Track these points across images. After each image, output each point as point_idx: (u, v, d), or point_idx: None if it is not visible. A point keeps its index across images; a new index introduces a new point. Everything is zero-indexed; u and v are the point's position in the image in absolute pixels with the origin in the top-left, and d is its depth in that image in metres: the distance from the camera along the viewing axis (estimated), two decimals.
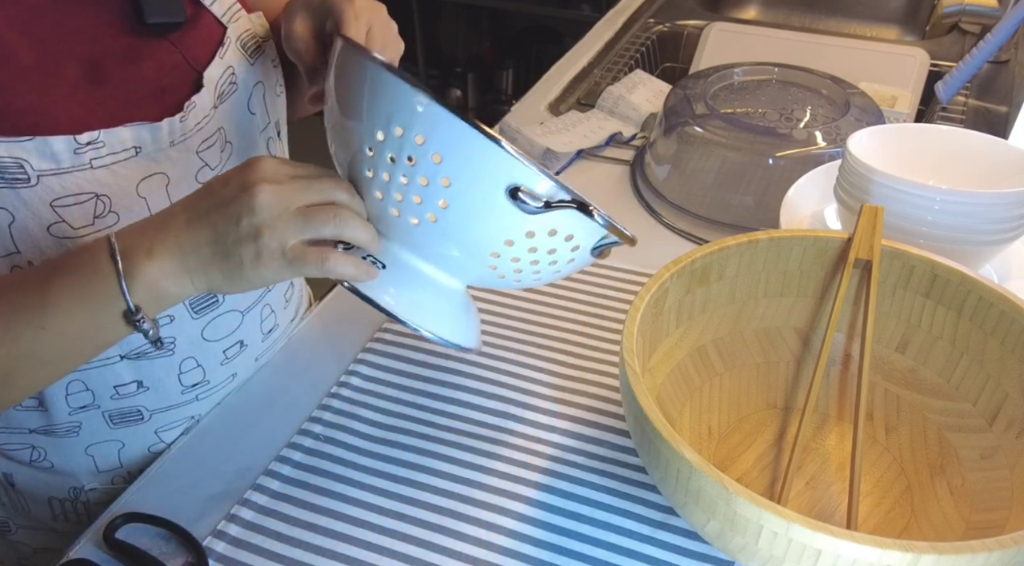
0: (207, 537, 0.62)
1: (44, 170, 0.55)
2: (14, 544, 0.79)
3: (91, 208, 0.58)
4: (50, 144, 0.54)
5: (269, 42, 0.69)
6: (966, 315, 0.64)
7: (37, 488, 0.73)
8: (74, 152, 0.56)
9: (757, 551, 0.49)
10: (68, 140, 0.55)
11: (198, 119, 0.62)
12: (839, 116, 0.96)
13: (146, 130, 0.59)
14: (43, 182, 0.55)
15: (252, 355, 0.76)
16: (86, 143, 0.56)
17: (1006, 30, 1.04)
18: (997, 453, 0.61)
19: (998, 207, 0.70)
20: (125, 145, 0.58)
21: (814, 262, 0.68)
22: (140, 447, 0.72)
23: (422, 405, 0.73)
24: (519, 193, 0.52)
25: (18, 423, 0.68)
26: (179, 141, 0.61)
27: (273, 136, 0.72)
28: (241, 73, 0.66)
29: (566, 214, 0.53)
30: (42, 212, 0.56)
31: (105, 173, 0.57)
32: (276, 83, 0.71)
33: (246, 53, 0.66)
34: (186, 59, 0.62)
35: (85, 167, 0.56)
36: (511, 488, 0.65)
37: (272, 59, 0.70)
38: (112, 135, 0.57)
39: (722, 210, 0.95)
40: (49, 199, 0.56)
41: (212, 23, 0.65)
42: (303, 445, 0.69)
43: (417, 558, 0.60)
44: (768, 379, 0.71)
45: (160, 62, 0.61)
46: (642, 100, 1.17)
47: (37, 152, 0.54)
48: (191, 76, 0.62)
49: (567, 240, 0.56)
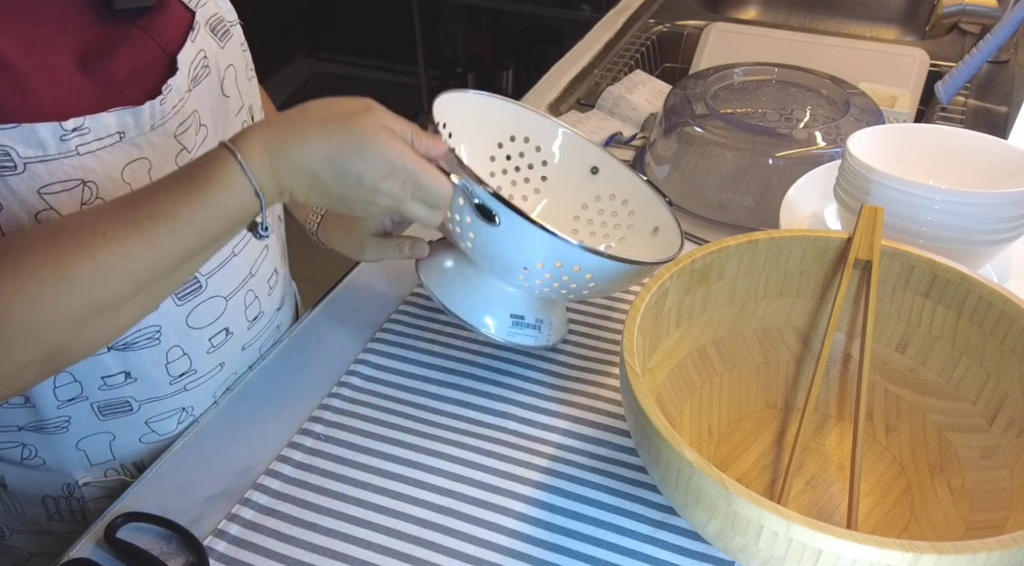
0: (208, 536, 0.62)
1: (30, 157, 0.55)
2: (9, 549, 0.79)
3: (78, 195, 0.58)
4: (36, 131, 0.54)
5: (236, 26, 0.70)
6: (966, 315, 0.64)
7: (30, 487, 0.73)
8: (60, 138, 0.56)
9: (757, 551, 0.49)
10: (54, 126, 0.55)
11: (174, 102, 0.62)
12: (839, 116, 0.96)
13: (129, 115, 0.59)
14: (30, 169, 0.55)
15: (239, 344, 0.75)
16: (72, 129, 0.56)
17: (1006, 30, 1.04)
18: (997, 453, 0.61)
19: (998, 207, 0.70)
20: (109, 130, 0.58)
21: (814, 262, 0.68)
22: (131, 439, 0.72)
23: (423, 405, 0.73)
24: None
25: (7, 421, 0.68)
26: (159, 125, 0.61)
27: (247, 119, 0.73)
28: (213, 56, 0.66)
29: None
30: (30, 200, 0.56)
31: (91, 159, 0.58)
32: (246, 67, 0.72)
33: (216, 36, 0.67)
34: (158, 43, 0.63)
35: (71, 153, 0.57)
36: (512, 487, 0.65)
37: (241, 43, 0.71)
38: (97, 121, 0.57)
39: (722, 210, 0.95)
40: (36, 186, 0.56)
41: (179, 8, 0.65)
42: (304, 444, 0.69)
43: (418, 558, 0.60)
44: (768, 379, 0.71)
45: (133, 47, 0.61)
46: (642, 100, 1.17)
47: (23, 139, 0.54)
48: (164, 60, 0.63)
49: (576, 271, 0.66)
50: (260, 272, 0.76)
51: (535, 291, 0.69)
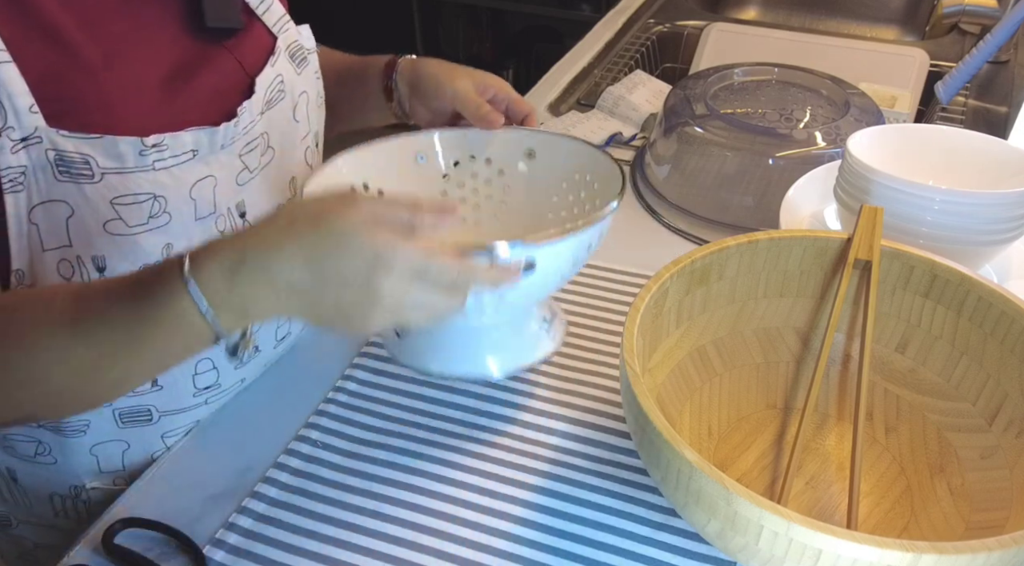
0: (206, 546, 0.61)
1: (108, 168, 0.56)
2: (15, 538, 0.79)
3: (148, 208, 0.59)
4: (117, 144, 0.56)
5: (313, 54, 0.73)
6: (966, 315, 0.64)
7: (39, 484, 0.73)
8: (139, 153, 0.57)
9: (757, 551, 0.49)
10: (135, 141, 0.56)
11: (245, 123, 0.64)
12: (839, 116, 0.96)
13: (204, 134, 0.60)
14: (106, 180, 0.57)
15: (263, 361, 0.76)
16: (151, 145, 0.57)
17: (1006, 30, 1.04)
18: (997, 453, 0.61)
19: (998, 207, 0.70)
20: (185, 148, 0.59)
21: (814, 262, 0.68)
22: (144, 450, 0.72)
23: (420, 409, 0.72)
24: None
25: None
26: (228, 145, 0.63)
27: (311, 145, 0.74)
28: (289, 81, 0.68)
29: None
30: (101, 208, 0.57)
31: (164, 175, 0.59)
32: (318, 94, 0.74)
33: (294, 63, 0.69)
34: (241, 65, 0.65)
35: (147, 168, 0.58)
36: (511, 491, 0.65)
37: (315, 71, 0.73)
38: (175, 139, 0.59)
39: (722, 210, 0.95)
40: (110, 196, 0.57)
41: (263, 32, 0.68)
42: (300, 451, 0.68)
43: (418, 563, 0.60)
44: (768, 379, 0.71)
45: (217, 67, 0.63)
46: (642, 100, 1.17)
47: (104, 150, 0.56)
48: (244, 82, 0.65)
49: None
50: None
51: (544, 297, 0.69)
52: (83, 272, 0.59)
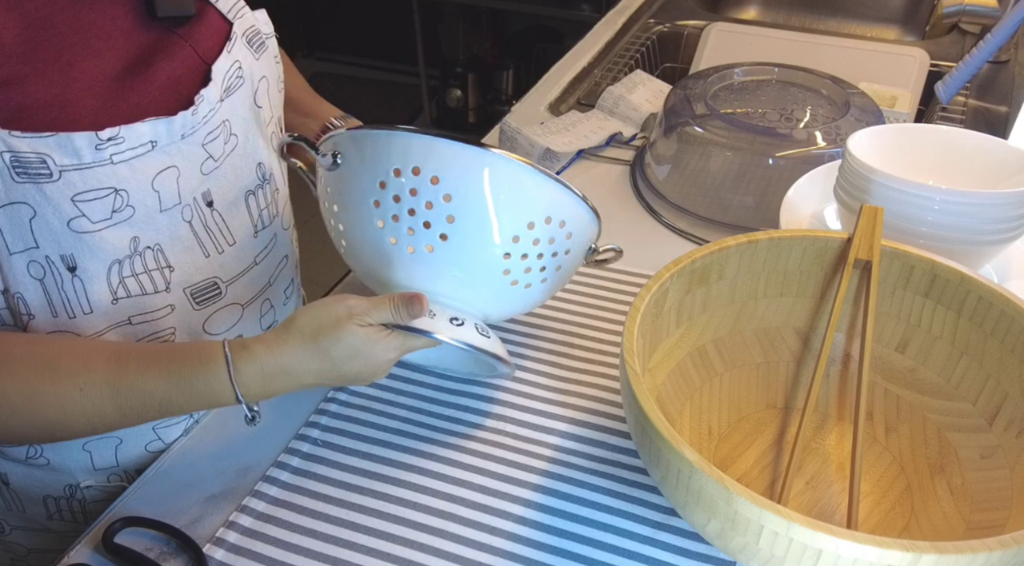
0: (206, 544, 0.61)
1: (66, 165, 0.56)
2: (8, 545, 0.79)
3: (110, 202, 0.59)
4: (72, 140, 0.55)
5: (272, 39, 0.72)
6: (966, 315, 0.64)
7: (32, 486, 0.73)
8: (95, 148, 0.56)
9: (758, 551, 0.49)
10: (90, 136, 0.56)
11: (204, 112, 0.63)
12: (839, 116, 0.96)
13: (162, 124, 0.60)
14: (65, 177, 0.56)
15: None
16: (107, 138, 0.57)
17: (1006, 30, 1.04)
18: (997, 453, 0.61)
19: (998, 207, 0.70)
20: (142, 140, 0.59)
21: (814, 262, 0.68)
22: (138, 445, 0.72)
23: (420, 408, 0.73)
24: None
25: None
26: (189, 134, 0.62)
27: (276, 130, 0.74)
28: (247, 67, 0.67)
29: (555, 198, 0.62)
30: (63, 207, 0.57)
31: (124, 168, 0.59)
32: (278, 78, 0.73)
33: (252, 48, 0.68)
34: (196, 52, 0.64)
35: (105, 162, 0.57)
36: (511, 490, 0.65)
37: (275, 55, 0.72)
38: (131, 130, 0.58)
39: (722, 210, 0.95)
40: (70, 194, 0.57)
41: (218, 18, 0.66)
42: (301, 450, 0.69)
43: (418, 562, 0.60)
44: (768, 379, 0.71)
45: (172, 56, 0.62)
46: (642, 100, 1.17)
47: (59, 148, 0.55)
48: (201, 69, 0.64)
49: (561, 227, 0.64)
50: (278, 282, 0.77)
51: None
52: (54, 272, 0.59)
